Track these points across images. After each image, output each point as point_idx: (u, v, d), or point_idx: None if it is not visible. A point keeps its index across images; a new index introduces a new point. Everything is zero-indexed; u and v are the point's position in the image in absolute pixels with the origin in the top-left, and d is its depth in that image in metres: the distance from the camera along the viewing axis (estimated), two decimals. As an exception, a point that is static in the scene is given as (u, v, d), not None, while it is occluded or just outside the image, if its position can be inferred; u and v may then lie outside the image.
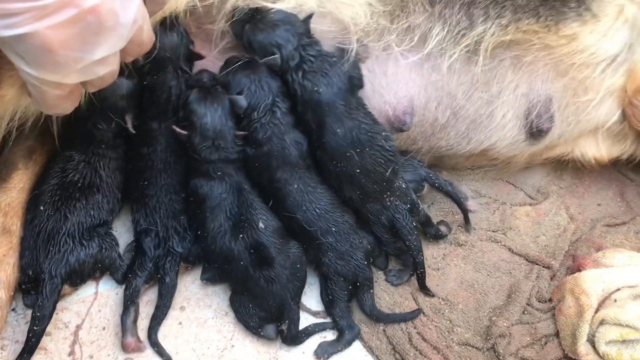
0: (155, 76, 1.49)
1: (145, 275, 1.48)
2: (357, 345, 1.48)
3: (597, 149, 1.72)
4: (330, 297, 1.49)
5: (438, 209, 1.72)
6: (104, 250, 1.49)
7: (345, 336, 1.46)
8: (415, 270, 1.53)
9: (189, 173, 1.52)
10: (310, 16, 1.49)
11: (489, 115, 1.57)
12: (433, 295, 1.55)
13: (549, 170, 1.84)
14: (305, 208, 1.49)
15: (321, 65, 1.49)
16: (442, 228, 1.65)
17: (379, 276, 1.58)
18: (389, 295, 1.55)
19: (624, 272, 1.48)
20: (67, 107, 1.10)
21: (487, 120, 1.58)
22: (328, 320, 1.51)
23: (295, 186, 1.49)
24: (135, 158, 1.56)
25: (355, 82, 1.52)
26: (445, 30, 1.47)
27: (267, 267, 1.42)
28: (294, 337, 1.45)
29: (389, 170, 1.49)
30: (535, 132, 1.61)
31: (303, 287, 1.51)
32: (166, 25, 1.45)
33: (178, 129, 1.48)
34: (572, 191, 1.81)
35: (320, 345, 1.46)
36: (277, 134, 1.50)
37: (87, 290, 1.51)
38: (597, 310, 1.43)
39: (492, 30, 1.46)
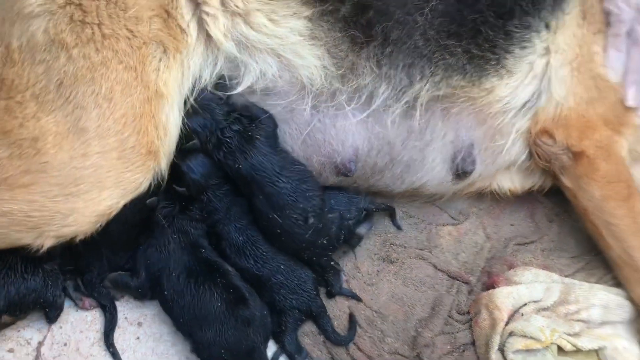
0: None
1: None
2: (300, 356, 1.59)
3: (511, 183, 1.85)
4: (283, 328, 1.59)
5: (373, 230, 1.84)
6: (48, 286, 1.48)
7: None
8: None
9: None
10: (229, 97, 1.60)
11: (421, 160, 1.71)
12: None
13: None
14: (254, 255, 1.61)
15: (238, 144, 1.59)
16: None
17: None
18: (328, 309, 1.66)
19: (530, 288, 1.64)
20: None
21: (419, 165, 1.72)
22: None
23: (241, 239, 1.62)
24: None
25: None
26: (390, 89, 1.60)
27: (243, 307, 1.48)
28: None
29: (310, 231, 1.60)
30: (460, 174, 1.75)
31: (269, 335, 1.58)
32: None
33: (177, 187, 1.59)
34: (489, 212, 1.91)
35: None
36: (220, 208, 1.64)
37: (49, 307, 1.52)
38: (507, 323, 1.59)
39: (427, 87, 1.60)
